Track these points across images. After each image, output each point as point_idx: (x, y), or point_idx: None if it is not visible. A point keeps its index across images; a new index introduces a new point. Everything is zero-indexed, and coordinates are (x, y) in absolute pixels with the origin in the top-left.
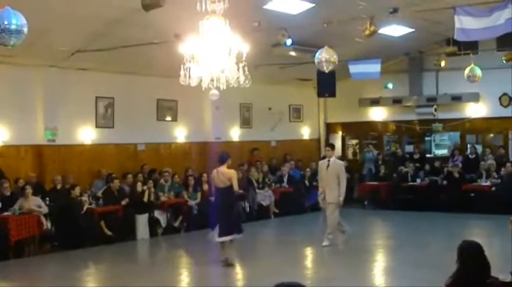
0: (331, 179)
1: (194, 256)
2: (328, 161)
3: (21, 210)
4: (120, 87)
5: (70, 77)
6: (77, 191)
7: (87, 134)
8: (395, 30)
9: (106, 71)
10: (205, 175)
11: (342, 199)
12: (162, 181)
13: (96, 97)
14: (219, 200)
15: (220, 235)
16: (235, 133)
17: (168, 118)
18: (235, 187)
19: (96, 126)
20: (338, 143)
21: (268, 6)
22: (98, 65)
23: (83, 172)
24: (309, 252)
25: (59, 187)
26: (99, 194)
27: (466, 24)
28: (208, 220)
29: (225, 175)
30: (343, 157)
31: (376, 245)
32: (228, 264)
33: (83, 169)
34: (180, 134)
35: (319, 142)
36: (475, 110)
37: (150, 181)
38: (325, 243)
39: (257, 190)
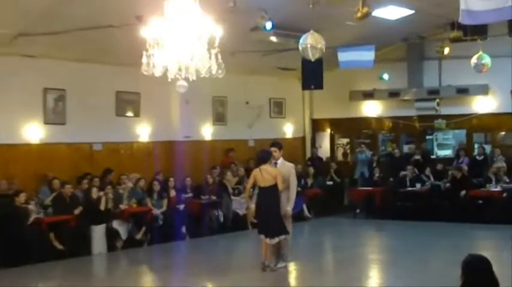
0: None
1: (159, 272)
2: (275, 163)
3: None
4: (73, 77)
5: (12, 65)
6: (21, 198)
7: (33, 132)
8: (392, 12)
9: (56, 58)
10: (172, 179)
11: (290, 209)
12: (122, 186)
13: (45, 89)
14: (263, 200)
15: (273, 235)
16: (207, 131)
17: (129, 113)
18: (280, 185)
19: (45, 123)
20: (326, 143)
21: None
22: (46, 51)
23: (29, 175)
24: (292, 268)
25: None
26: (48, 201)
27: (472, 6)
28: (176, 231)
29: (270, 172)
30: (332, 158)
31: (369, 260)
32: (267, 268)
33: (29, 172)
34: (143, 132)
35: (304, 141)
36: (484, 105)
37: (109, 187)
38: (280, 265)
39: (232, 197)
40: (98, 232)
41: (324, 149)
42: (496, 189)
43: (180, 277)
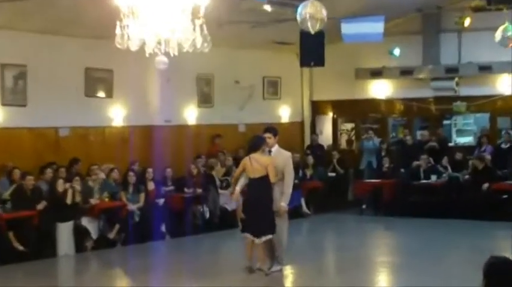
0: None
1: (134, 276)
2: (269, 151)
3: None
4: (35, 51)
5: None
6: None
7: None
8: None
9: (16, 29)
10: (150, 170)
11: (285, 204)
12: (92, 178)
13: (2, 65)
14: (253, 193)
15: (259, 235)
16: (190, 114)
17: (101, 94)
18: (272, 176)
19: (2, 104)
20: (328, 128)
21: None
22: (4, 20)
23: None
24: (288, 272)
25: None
26: (7, 195)
27: None
28: (154, 229)
29: (260, 162)
30: (334, 146)
31: (376, 263)
32: (253, 271)
33: None
34: (116, 115)
35: (303, 126)
36: (510, 85)
37: (76, 178)
38: (274, 268)
39: (220, 190)
40: (65, 231)
41: (326, 135)
42: None
43: (159, 281)
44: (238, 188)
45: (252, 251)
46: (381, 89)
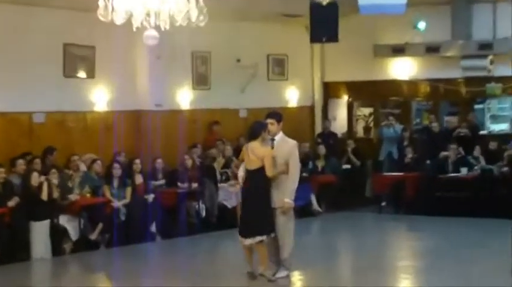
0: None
1: (118, 283)
2: (272, 140)
3: None
4: (6, 25)
5: None
6: None
7: None
8: None
9: None
10: (138, 161)
11: (290, 200)
12: (71, 170)
13: None
14: (247, 187)
15: (246, 235)
16: (184, 98)
17: (81, 74)
18: (269, 170)
19: None
20: (342, 114)
21: None
22: None
23: None
24: (296, 278)
25: None
26: None
27: None
28: (143, 229)
29: (257, 152)
30: (349, 134)
31: (398, 268)
32: (254, 277)
33: None
34: (99, 98)
35: (313, 112)
36: None
37: (53, 171)
38: (280, 274)
39: (219, 184)
40: (40, 231)
41: (340, 122)
42: None
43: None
44: (241, 172)
45: (251, 254)
46: (403, 69)
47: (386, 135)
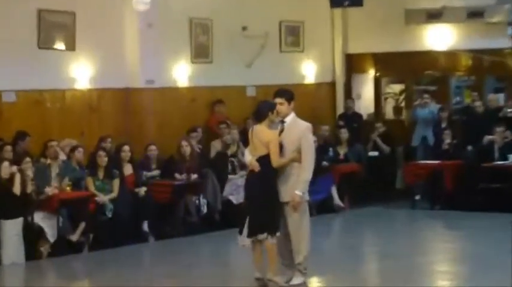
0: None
1: None
2: (282, 122)
3: None
4: None
5: None
6: None
7: None
8: None
9: None
10: (126, 148)
11: (300, 192)
12: (49, 159)
13: None
14: (248, 180)
15: (249, 234)
16: (181, 73)
17: (59, 45)
18: (274, 158)
19: None
20: (368, 92)
21: None
22: None
23: None
24: (315, 285)
25: None
26: None
27: None
28: (134, 228)
29: (262, 137)
30: (377, 116)
31: (434, 274)
32: (264, 284)
33: None
34: (81, 74)
35: (334, 89)
36: None
37: (27, 159)
38: (295, 280)
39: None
40: (11, 231)
41: (365, 101)
42: None
43: None
44: (249, 156)
45: (261, 257)
46: (440, 38)
47: (420, 116)
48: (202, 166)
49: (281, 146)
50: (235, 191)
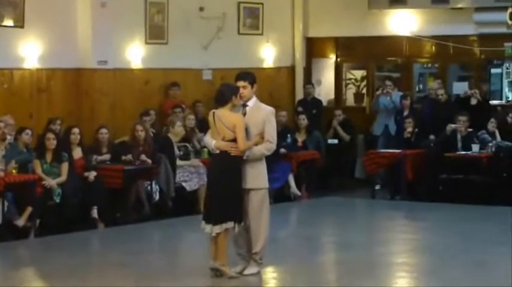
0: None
1: (51, 281)
2: (244, 106)
3: None
4: None
5: None
6: None
7: None
8: None
9: None
10: (76, 130)
11: (245, 153)
12: None
13: None
14: (213, 164)
15: (211, 221)
16: (135, 54)
17: (7, 22)
18: (241, 141)
19: None
20: (329, 77)
21: None
22: None
23: None
24: (269, 276)
25: None
26: None
27: None
28: (83, 214)
29: (226, 121)
30: (337, 102)
31: (393, 265)
32: (219, 274)
33: None
34: (29, 53)
35: (294, 74)
36: None
37: None
38: (250, 270)
39: (178, 162)
40: None
41: (326, 86)
42: None
43: None
44: (211, 140)
45: (216, 247)
46: (403, 23)
47: (382, 104)
48: (155, 150)
49: (246, 130)
50: (188, 178)
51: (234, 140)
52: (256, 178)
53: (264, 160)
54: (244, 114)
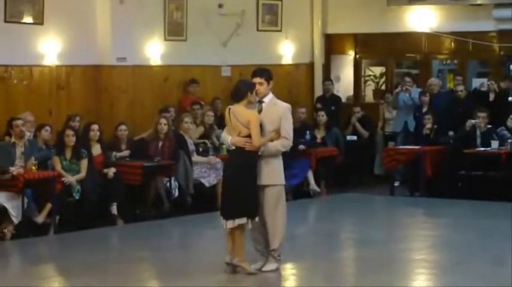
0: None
1: (71, 277)
2: (260, 102)
3: None
4: None
5: None
6: None
7: None
8: None
9: None
10: (95, 127)
11: (260, 148)
12: (13, 137)
13: None
14: (229, 160)
15: (226, 216)
16: (154, 51)
17: (27, 19)
18: (255, 138)
19: None
20: (348, 74)
21: None
22: None
23: None
24: (288, 273)
25: None
26: None
27: None
28: (102, 211)
29: (241, 117)
30: (356, 98)
31: (413, 262)
32: (235, 269)
33: None
34: (49, 50)
35: (313, 70)
36: None
37: None
38: (268, 266)
39: (194, 158)
40: None
41: (345, 83)
42: None
43: (107, 284)
44: (228, 136)
45: (233, 242)
46: (422, 19)
47: (401, 100)
48: (176, 147)
49: (261, 126)
50: (206, 174)
51: (249, 136)
52: (272, 174)
53: (281, 156)
54: (260, 110)
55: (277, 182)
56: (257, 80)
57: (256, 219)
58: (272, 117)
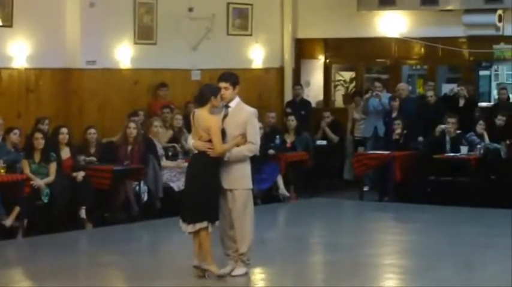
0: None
1: (38, 281)
2: (226, 107)
3: None
4: None
5: None
6: None
7: None
8: None
9: None
10: (64, 130)
11: (227, 154)
12: None
13: None
14: (190, 164)
15: (186, 220)
16: (124, 54)
17: None
18: (216, 143)
19: None
20: (317, 78)
21: None
22: None
23: None
24: (258, 277)
25: None
26: None
27: None
28: (71, 214)
29: (203, 122)
30: (326, 103)
31: (385, 266)
32: (203, 273)
33: None
34: (18, 52)
35: (283, 75)
36: None
37: None
38: (238, 271)
39: (164, 162)
40: None
41: (315, 88)
42: None
43: None
44: (191, 140)
45: (199, 247)
46: (393, 25)
47: (371, 106)
48: (145, 151)
49: (223, 133)
50: (175, 178)
51: (209, 142)
52: (240, 178)
53: (249, 161)
54: (226, 115)
55: (245, 187)
56: (223, 84)
57: (217, 223)
58: (238, 122)
